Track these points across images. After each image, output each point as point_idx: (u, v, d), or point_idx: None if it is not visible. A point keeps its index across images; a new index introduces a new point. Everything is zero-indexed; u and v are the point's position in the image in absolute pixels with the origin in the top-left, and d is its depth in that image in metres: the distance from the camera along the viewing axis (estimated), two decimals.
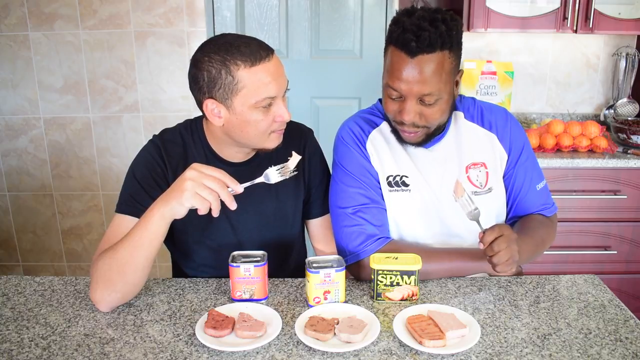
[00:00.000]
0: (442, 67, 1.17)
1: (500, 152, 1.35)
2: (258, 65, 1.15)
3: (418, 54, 1.15)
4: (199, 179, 1.04)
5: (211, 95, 1.18)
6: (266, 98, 1.17)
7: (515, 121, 1.38)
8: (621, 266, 2.46)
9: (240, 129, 1.21)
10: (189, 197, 1.03)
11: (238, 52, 1.15)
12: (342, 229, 1.30)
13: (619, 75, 2.75)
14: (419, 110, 1.21)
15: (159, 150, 1.30)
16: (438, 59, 1.16)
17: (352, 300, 1.18)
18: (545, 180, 1.39)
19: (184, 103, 2.72)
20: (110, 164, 2.81)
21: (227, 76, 1.15)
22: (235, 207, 1.06)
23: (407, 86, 1.17)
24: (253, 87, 1.16)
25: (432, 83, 1.16)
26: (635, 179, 2.34)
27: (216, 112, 1.20)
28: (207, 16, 2.63)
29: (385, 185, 1.32)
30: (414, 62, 1.15)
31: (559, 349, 1.00)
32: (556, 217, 1.43)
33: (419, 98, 1.19)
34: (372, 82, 2.83)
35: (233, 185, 1.07)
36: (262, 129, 1.21)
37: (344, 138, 1.36)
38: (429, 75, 1.16)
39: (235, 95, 1.16)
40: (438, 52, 1.15)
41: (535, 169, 1.37)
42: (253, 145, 1.26)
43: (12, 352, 1.00)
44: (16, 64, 2.66)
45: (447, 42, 1.15)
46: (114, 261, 1.10)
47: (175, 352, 0.99)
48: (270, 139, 1.24)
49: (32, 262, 2.95)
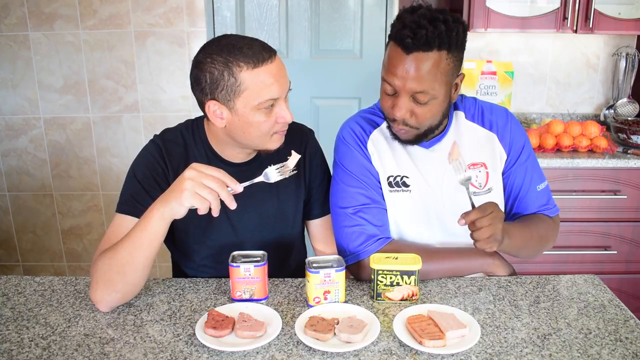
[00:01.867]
0: (437, 67, 1.16)
1: (500, 152, 1.35)
2: (261, 67, 1.15)
3: (413, 51, 1.14)
4: (198, 178, 1.04)
5: (213, 97, 1.18)
6: (269, 100, 1.17)
7: (516, 121, 1.38)
8: (621, 266, 2.46)
9: (242, 130, 1.21)
10: (189, 197, 1.03)
11: (241, 53, 1.14)
12: (343, 229, 1.30)
13: (619, 75, 2.75)
14: (411, 108, 1.20)
15: (160, 150, 1.30)
16: (434, 59, 1.15)
17: (352, 300, 1.18)
18: (546, 182, 1.38)
19: (184, 103, 2.72)
20: (110, 164, 2.81)
21: (230, 78, 1.15)
22: (235, 207, 1.06)
23: (400, 82, 1.17)
24: (256, 89, 1.15)
25: (426, 81, 1.16)
26: (635, 179, 2.34)
27: (218, 114, 1.20)
28: (207, 16, 2.63)
29: (386, 185, 1.32)
30: (409, 59, 1.15)
31: (559, 349, 1.00)
32: (559, 218, 1.42)
33: (411, 95, 1.18)
34: (372, 82, 2.82)
35: (232, 184, 1.06)
36: (265, 130, 1.21)
37: (345, 138, 1.36)
38: (423, 73, 1.15)
39: (238, 96, 1.16)
40: (435, 51, 1.15)
41: (535, 170, 1.37)
42: (255, 146, 1.26)
43: (12, 352, 1.00)
44: (16, 64, 2.66)
45: (445, 43, 1.14)
46: (114, 261, 1.10)
47: (175, 352, 0.99)
48: (273, 140, 1.24)
49: (32, 262, 2.95)
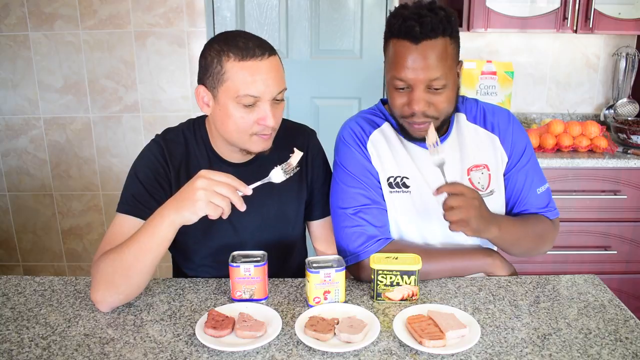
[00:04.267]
0: (446, 52, 1.18)
1: (502, 154, 1.34)
2: (247, 61, 1.15)
3: (422, 40, 1.16)
4: (210, 187, 1.03)
5: (203, 82, 1.21)
6: (247, 95, 1.16)
7: (518, 123, 1.37)
8: (621, 266, 2.46)
9: (221, 121, 1.21)
10: (203, 207, 1.03)
11: (234, 44, 1.16)
12: (343, 229, 1.30)
13: (619, 75, 2.75)
14: (428, 99, 1.20)
15: (162, 150, 1.29)
16: (441, 45, 1.17)
17: (352, 300, 1.18)
18: (547, 184, 1.37)
19: (184, 103, 2.72)
20: (110, 164, 2.81)
21: (217, 65, 1.17)
22: (245, 209, 1.06)
23: (414, 74, 1.17)
24: (237, 81, 1.15)
25: (439, 67, 1.17)
26: (635, 179, 2.34)
27: (206, 100, 1.22)
28: (207, 16, 2.63)
29: (386, 186, 1.32)
30: (419, 49, 1.16)
31: (559, 349, 1.00)
32: (558, 221, 1.40)
33: (426, 85, 1.18)
34: (372, 82, 2.83)
35: (242, 188, 1.06)
36: (242, 127, 1.19)
37: (345, 138, 1.36)
38: (435, 60, 1.16)
39: (221, 85, 1.17)
40: (440, 37, 1.17)
41: (536, 173, 1.36)
42: (235, 143, 1.24)
43: (12, 352, 1.00)
44: (16, 64, 2.66)
45: (447, 29, 1.17)
46: (119, 264, 1.09)
47: (175, 352, 0.99)
48: (253, 141, 1.22)
49: (32, 262, 2.96)
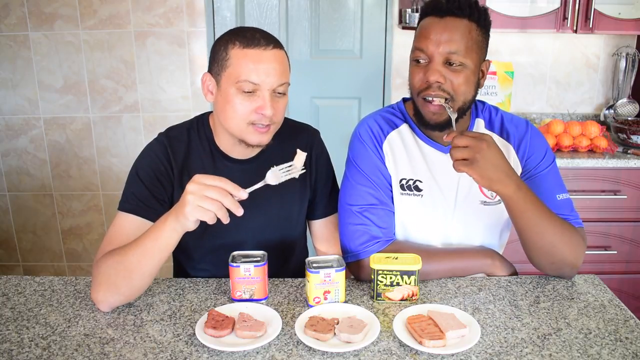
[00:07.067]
0: (469, 33, 1.20)
1: (516, 163, 1.31)
2: (250, 49, 1.18)
3: (447, 15, 1.19)
4: (199, 191, 1.02)
5: (210, 70, 1.25)
6: (247, 81, 1.18)
7: (537, 133, 1.34)
8: (621, 266, 2.46)
9: (222, 108, 1.23)
10: (191, 211, 1.02)
11: (241, 34, 1.21)
12: (347, 225, 1.30)
13: (619, 75, 2.75)
14: (445, 73, 1.21)
15: (165, 148, 1.29)
16: (466, 25, 1.19)
17: (352, 300, 1.18)
18: (567, 194, 1.31)
19: (184, 103, 2.72)
20: (110, 164, 2.81)
21: (222, 52, 1.21)
22: (242, 213, 1.04)
23: (434, 45, 1.19)
24: (238, 66, 1.19)
25: (459, 43, 1.19)
26: (635, 179, 2.34)
27: (210, 88, 1.25)
28: (207, 16, 2.63)
29: (398, 187, 1.31)
30: (442, 23, 1.19)
31: (559, 349, 1.00)
32: (584, 232, 1.28)
33: (445, 58, 1.20)
34: (372, 82, 2.83)
35: (236, 192, 1.03)
36: (241, 114, 1.20)
37: (362, 135, 1.34)
38: (456, 36, 1.19)
39: (224, 71, 1.20)
40: (466, 19, 1.19)
41: (556, 181, 1.31)
42: (233, 132, 1.24)
43: (12, 352, 1.00)
44: (16, 64, 2.66)
45: (474, 14, 1.20)
46: (121, 265, 1.09)
47: (175, 352, 0.99)
48: (249, 131, 1.22)
49: (32, 262, 2.96)
